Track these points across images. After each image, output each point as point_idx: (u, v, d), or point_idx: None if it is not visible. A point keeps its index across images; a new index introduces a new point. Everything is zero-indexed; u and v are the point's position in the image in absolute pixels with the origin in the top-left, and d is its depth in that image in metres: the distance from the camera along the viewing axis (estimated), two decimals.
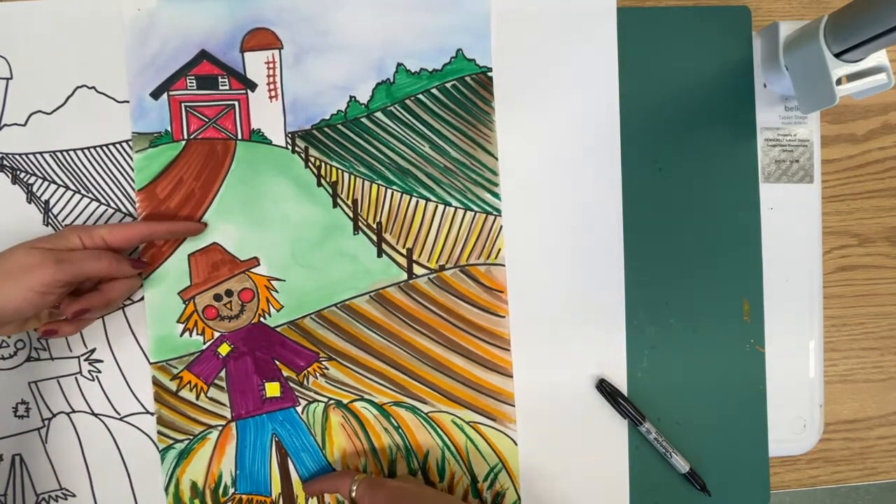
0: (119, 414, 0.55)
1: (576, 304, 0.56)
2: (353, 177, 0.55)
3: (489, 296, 0.55)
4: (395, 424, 0.55)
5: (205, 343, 0.55)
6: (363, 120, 0.55)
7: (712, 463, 0.56)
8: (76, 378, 0.55)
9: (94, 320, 0.53)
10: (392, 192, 0.55)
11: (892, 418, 0.59)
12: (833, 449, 0.59)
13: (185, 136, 0.55)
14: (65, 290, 0.47)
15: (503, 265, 0.55)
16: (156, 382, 0.54)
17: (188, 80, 0.55)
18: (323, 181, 0.55)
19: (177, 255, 0.55)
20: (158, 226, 0.52)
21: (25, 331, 0.51)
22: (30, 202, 0.55)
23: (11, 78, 0.55)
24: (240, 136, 0.55)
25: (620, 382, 0.56)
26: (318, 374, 0.55)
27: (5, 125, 0.55)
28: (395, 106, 0.55)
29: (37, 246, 0.46)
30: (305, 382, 0.55)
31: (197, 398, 0.55)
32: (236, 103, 0.55)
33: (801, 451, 0.58)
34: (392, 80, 0.55)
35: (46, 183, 0.55)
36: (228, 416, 0.55)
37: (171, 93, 0.55)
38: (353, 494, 0.50)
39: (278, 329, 0.55)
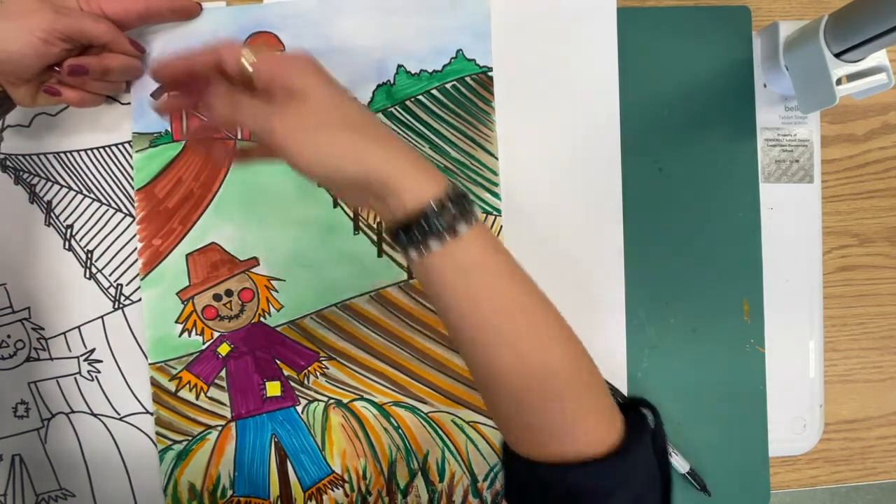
0: (119, 414, 0.55)
1: (576, 305, 0.55)
2: None
3: None
4: (395, 424, 0.55)
5: (204, 343, 0.55)
6: None
7: (712, 463, 0.55)
8: (75, 378, 0.55)
9: (97, 101, 0.52)
10: None
11: (892, 418, 0.59)
12: (833, 449, 0.59)
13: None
14: (65, 45, 0.46)
15: None
16: (154, 383, 0.54)
17: None
18: None
19: (175, 255, 0.54)
20: (157, 1, 0.51)
21: (35, 105, 0.50)
22: (32, 202, 0.55)
23: None
24: (240, 136, 0.55)
25: (620, 382, 0.56)
26: (318, 374, 0.55)
27: (8, 126, 0.55)
28: (396, 107, 0.55)
29: None
30: (306, 381, 0.55)
31: (197, 398, 0.55)
32: None
33: (801, 451, 0.58)
34: (392, 82, 0.55)
35: (49, 184, 0.55)
36: (228, 415, 0.55)
37: (171, 93, 0.55)
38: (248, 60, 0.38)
39: (278, 329, 0.55)
